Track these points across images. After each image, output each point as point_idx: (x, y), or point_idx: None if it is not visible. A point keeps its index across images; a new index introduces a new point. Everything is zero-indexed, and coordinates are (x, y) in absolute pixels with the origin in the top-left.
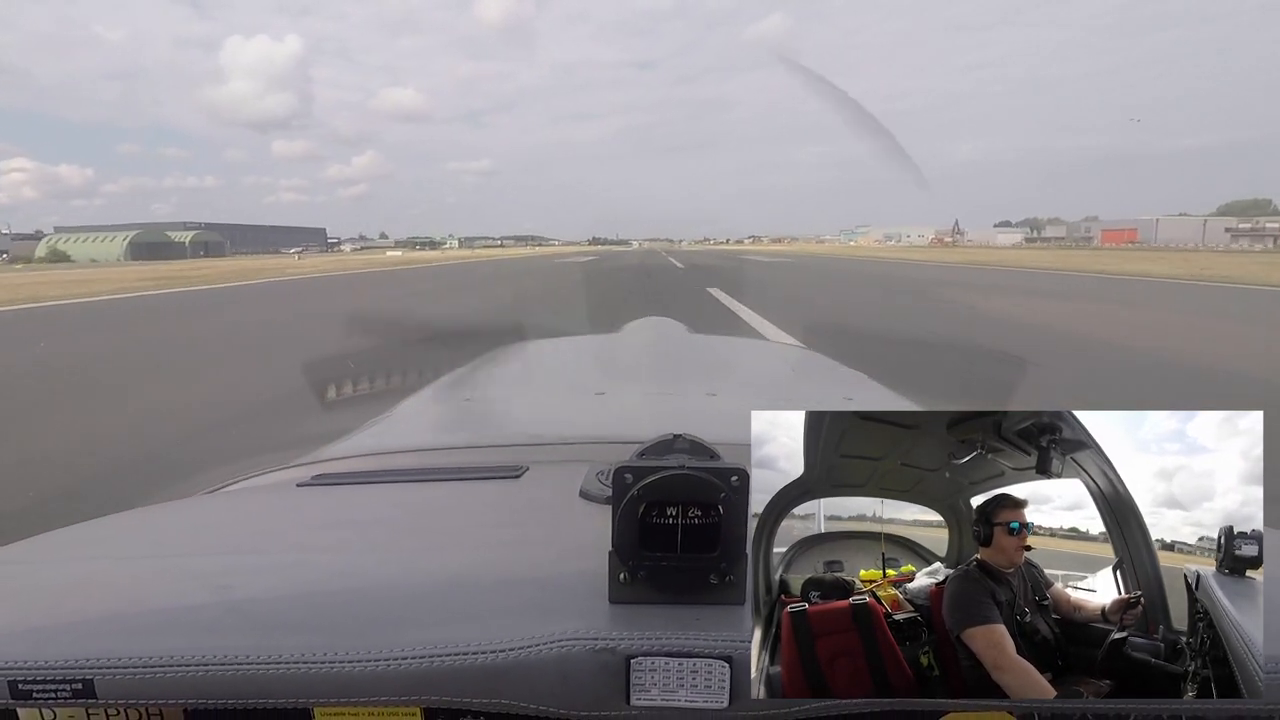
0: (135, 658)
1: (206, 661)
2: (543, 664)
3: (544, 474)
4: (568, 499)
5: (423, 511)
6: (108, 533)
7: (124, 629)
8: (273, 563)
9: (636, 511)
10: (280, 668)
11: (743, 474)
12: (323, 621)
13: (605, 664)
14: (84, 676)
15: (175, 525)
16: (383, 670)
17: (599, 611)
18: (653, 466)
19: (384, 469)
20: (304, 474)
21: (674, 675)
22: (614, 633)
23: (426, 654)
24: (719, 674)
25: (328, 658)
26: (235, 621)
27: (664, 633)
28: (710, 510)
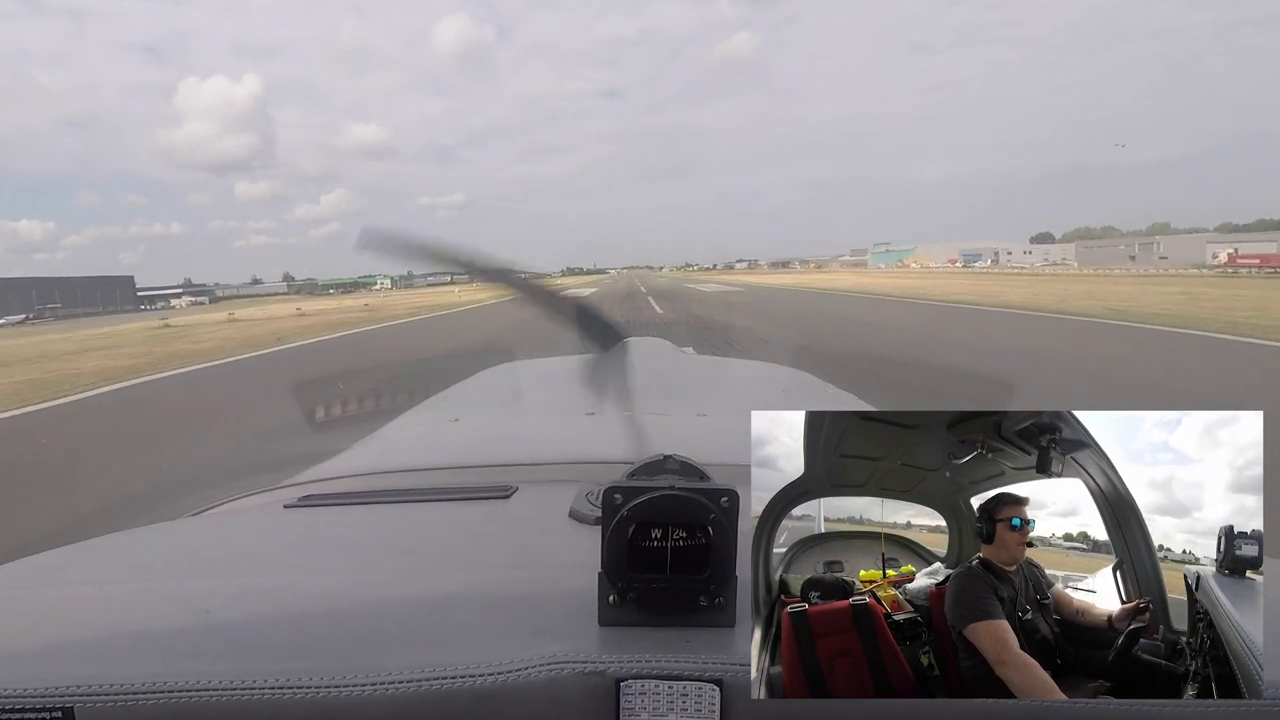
0: (116, 684)
1: (189, 687)
2: (531, 687)
3: (533, 494)
4: (557, 519)
5: (411, 532)
6: (90, 556)
7: (105, 654)
8: (258, 586)
9: (626, 532)
10: (264, 693)
11: (733, 495)
12: (308, 645)
13: (594, 687)
14: (64, 704)
15: (159, 548)
16: (369, 695)
17: (588, 634)
18: (642, 487)
19: (372, 490)
20: (291, 495)
21: (664, 698)
22: (603, 655)
23: (414, 678)
24: (709, 697)
25: (313, 682)
26: (219, 646)
27: (654, 655)
28: (700, 531)
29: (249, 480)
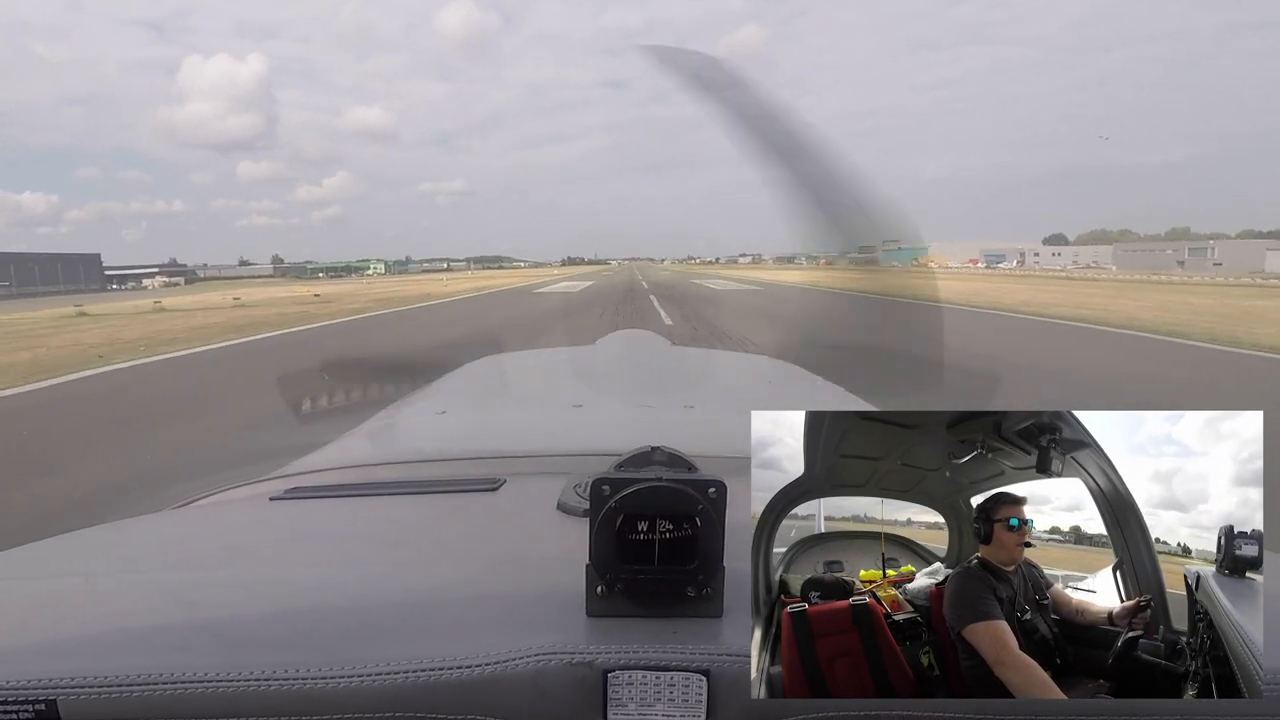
0: (100, 677)
1: (174, 680)
2: (519, 678)
3: (521, 487)
4: (545, 512)
5: (398, 525)
6: (74, 548)
7: (89, 647)
8: (243, 578)
9: (614, 524)
10: (250, 685)
11: (720, 486)
12: (294, 637)
13: (582, 678)
14: (47, 696)
15: (144, 540)
16: (355, 686)
17: (576, 625)
18: (630, 479)
19: (359, 482)
20: (277, 487)
21: (651, 689)
22: (591, 646)
23: (401, 669)
24: (696, 687)
25: (299, 674)
26: (204, 639)
27: (641, 646)
28: (687, 522)
29: (234, 472)
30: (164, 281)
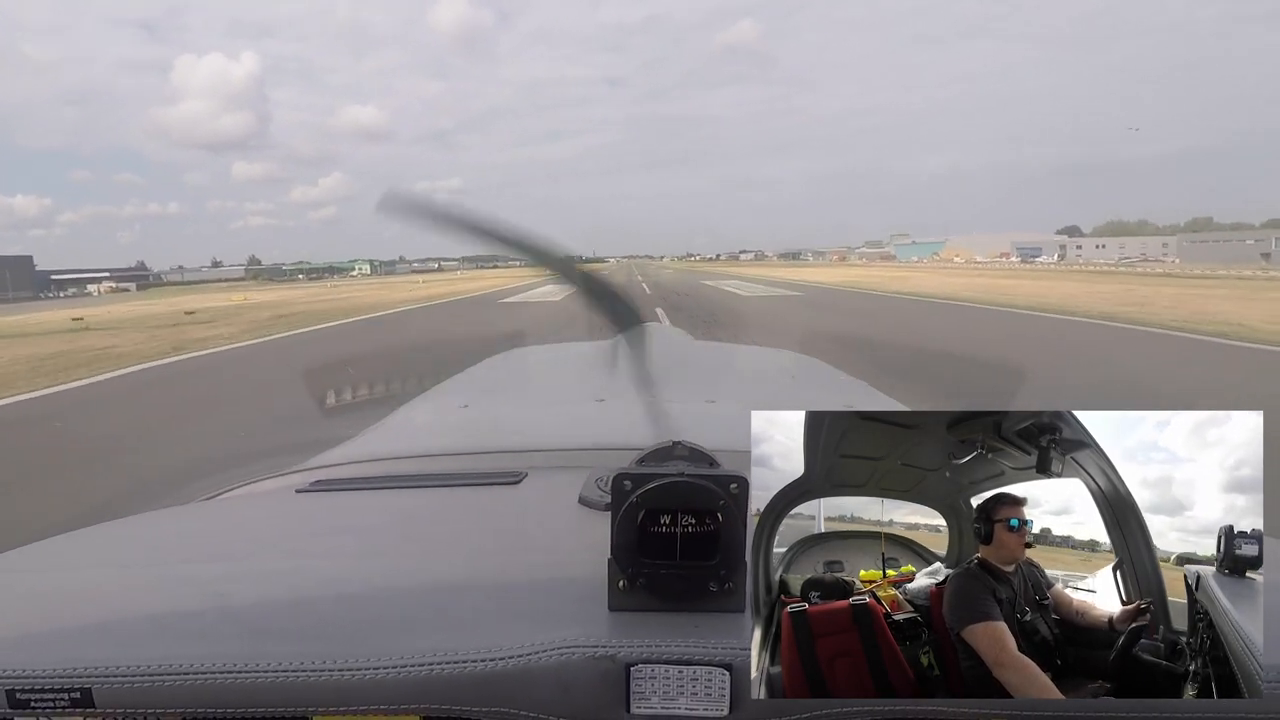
0: (132, 666)
1: (204, 669)
2: (542, 671)
3: (543, 480)
4: (567, 506)
5: (421, 518)
6: (105, 540)
7: (121, 637)
8: (270, 569)
9: (636, 518)
10: (277, 675)
11: (742, 481)
12: (320, 628)
13: (605, 671)
14: (82, 685)
15: (173, 532)
16: (381, 678)
17: (598, 619)
18: (652, 473)
19: (383, 475)
20: (303, 480)
21: (674, 683)
22: (613, 640)
23: (425, 661)
24: (719, 681)
25: (325, 665)
26: (232, 629)
27: (663, 640)
28: (709, 518)
29: (261, 465)
30: (111, 287)
